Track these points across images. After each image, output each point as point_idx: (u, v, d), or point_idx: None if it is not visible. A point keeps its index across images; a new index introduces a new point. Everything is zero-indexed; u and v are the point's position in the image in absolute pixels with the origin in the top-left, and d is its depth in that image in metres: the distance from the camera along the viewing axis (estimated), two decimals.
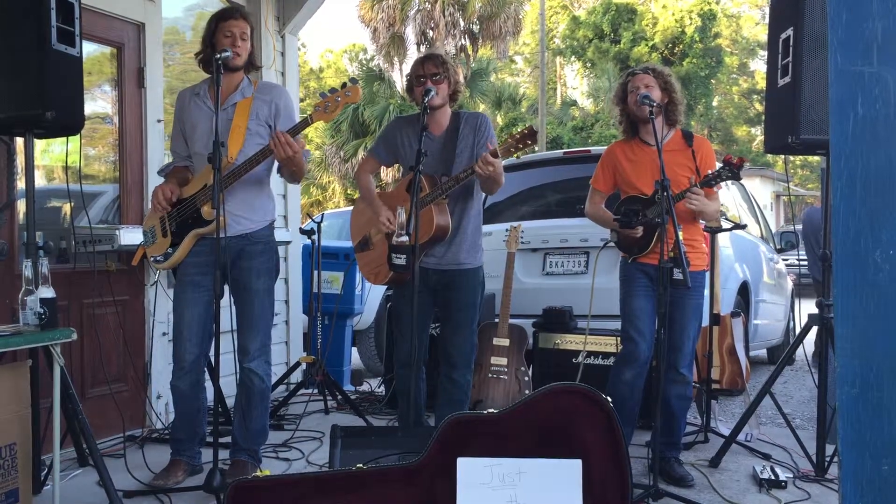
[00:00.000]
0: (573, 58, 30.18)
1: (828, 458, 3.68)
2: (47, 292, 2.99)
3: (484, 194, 3.87)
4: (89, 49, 4.20)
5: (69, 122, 3.29)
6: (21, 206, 3.80)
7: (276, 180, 4.04)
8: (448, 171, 3.64)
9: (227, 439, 3.70)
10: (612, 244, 3.88)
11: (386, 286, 4.24)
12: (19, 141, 3.69)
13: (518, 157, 5.65)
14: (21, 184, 3.70)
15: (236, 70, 3.56)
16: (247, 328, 3.57)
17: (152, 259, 3.60)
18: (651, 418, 3.84)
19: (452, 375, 3.76)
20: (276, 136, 3.34)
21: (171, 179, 3.60)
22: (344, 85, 3.38)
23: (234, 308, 3.59)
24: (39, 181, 4.08)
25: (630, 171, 3.74)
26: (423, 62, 3.74)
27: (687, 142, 3.70)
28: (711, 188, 3.60)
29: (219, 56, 3.32)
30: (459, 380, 3.77)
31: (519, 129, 3.51)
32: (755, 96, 34.40)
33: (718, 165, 3.58)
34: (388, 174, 18.04)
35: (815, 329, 3.82)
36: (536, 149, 20.24)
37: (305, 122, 3.43)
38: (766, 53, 4.16)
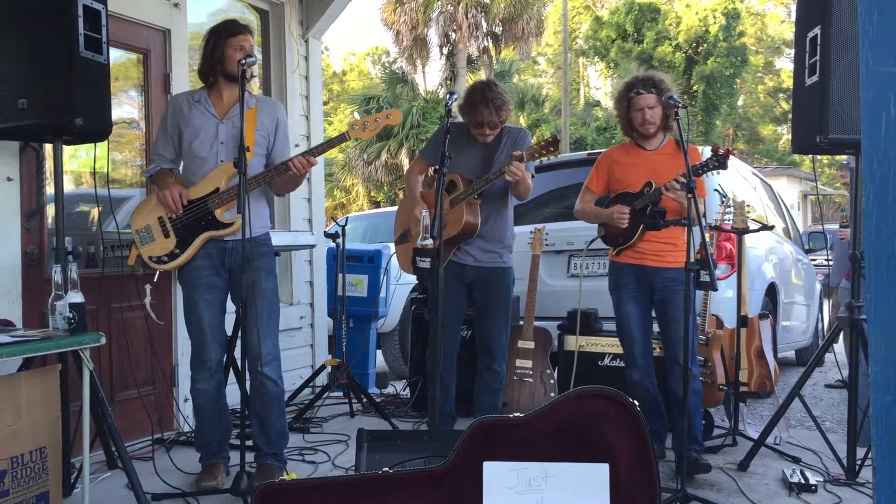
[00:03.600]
0: (596, 58, 30.08)
1: (859, 462, 3.63)
2: (76, 297, 3.02)
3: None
4: (116, 55, 4.24)
5: (97, 128, 3.33)
6: (50, 211, 3.84)
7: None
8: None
9: (250, 442, 3.72)
10: (597, 240, 4.10)
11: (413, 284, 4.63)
12: (48, 147, 3.74)
13: (541, 162, 6.01)
14: (50, 189, 3.75)
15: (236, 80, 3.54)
16: (255, 329, 3.53)
17: (151, 259, 3.53)
18: (672, 420, 3.88)
19: (492, 366, 4.15)
20: (301, 161, 3.45)
21: (167, 181, 3.58)
22: (381, 109, 3.49)
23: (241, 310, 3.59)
24: (67, 186, 4.13)
25: (624, 172, 3.93)
26: (485, 110, 3.94)
27: (679, 146, 3.78)
28: (699, 177, 3.66)
29: (244, 61, 3.34)
30: (498, 369, 4.16)
31: (545, 138, 3.83)
32: (781, 95, 34.08)
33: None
34: None
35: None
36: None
37: (342, 138, 3.55)
38: (791, 51, 4.12)
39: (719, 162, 3.58)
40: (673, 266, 3.77)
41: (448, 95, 3.66)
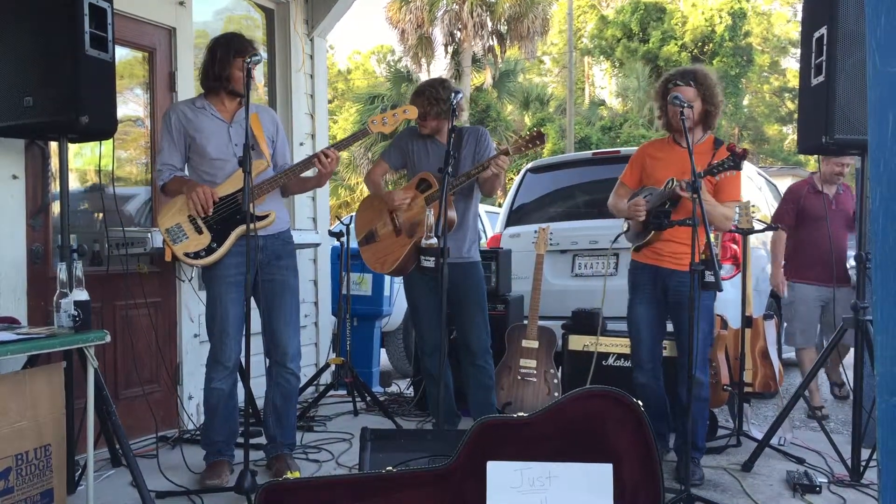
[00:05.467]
0: (601, 57, 30.06)
1: (863, 463, 3.63)
2: (81, 295, 3.03)
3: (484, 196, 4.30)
4: (121, 53, 4.25)
5: (102, 126, 3.34)
6: (55, 208, 3.85)
7: None
8: (454, 173, 3.95)
9: (254, 440, 3.74)
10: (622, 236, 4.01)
11: (394, 276, 4.83)
12: (53, 144, 3.74)
13: (528, 156, 6.18)
14: (55, 187, 3.75)
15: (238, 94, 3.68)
16: (285, 325, 3.67)
17: (187, 255, 3.56)
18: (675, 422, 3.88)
19: (477, 362, 4.16)
20: (327, 154, 3.57)
21: (188, 183, 3.59)
22: (385, 108, 3.57)
23: (268, 306, 3.67)
24: (73, 184, 4.14)
25: (656, 167, 3.83)
26: (416, 100, 4.09)
27: (715, 146, 3.78)
28: (713, 176, 3.50)
29: (249, 60, 3.35)
30: (484, 365, 4.18)
31: (528, 131, 3.92)
32: (787, 94, 34.00)
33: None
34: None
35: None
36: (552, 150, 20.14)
37: (363, 132, 3.71)
38: (797, 51, 4.12)
39: (735, 162, 3.45)
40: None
41: (452, 94, 3.66)
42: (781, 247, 5.30)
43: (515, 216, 6.10)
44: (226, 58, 3.57)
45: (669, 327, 3.94)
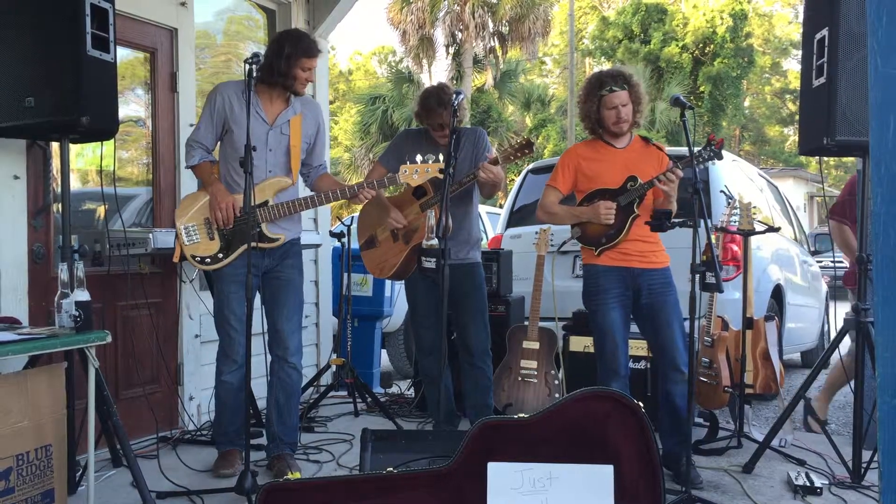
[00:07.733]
0: (603, 58, 30.02)
1: (864, 464, 3.62)
2: (82, 295, 3.03)
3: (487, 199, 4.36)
4: (123, 54, 4.24)
5: (104, 127, 3.34)
6: (57, 209, 3.85)
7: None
8: (453, 176, 3.94)
9: (255, 440, 3.74)
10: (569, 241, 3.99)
11: (393, 280, 4.82)
12: (55, 145, 3.74)
13: (518, 165, 6.15)
14: (57, 187, 3.76)
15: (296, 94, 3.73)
16: (287, 321, 3.71)
17: (194, 257, 3.61)
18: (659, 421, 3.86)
19: (476, 363, 4.17)
20: (366, 194, 3.64)
21: (216, 185, 3.63)
22: (425, 161, 3.57)
23: (271, 303, 3.72)
24: (74, 184, 4.13)
25: (596, 169, 3.77)
26: (444, 112, 3.95)
27: (646, 143, 3.82)
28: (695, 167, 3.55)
29: (250, 60, 3.35)
30: (482, 366, 4.18)
31: (517, 140, 3.91)
32: (788, 96, 34.03)
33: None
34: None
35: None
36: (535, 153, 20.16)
37: (393, 179, 3.66)
38: (799, 53, 4.12)
39: (714, 152, 3.52)
40: (659, 267, 3.70)
41: (454, 95, 3.66)
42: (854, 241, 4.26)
43: (516, 217, 6.10)
44: (293, 56, 3.58)
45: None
